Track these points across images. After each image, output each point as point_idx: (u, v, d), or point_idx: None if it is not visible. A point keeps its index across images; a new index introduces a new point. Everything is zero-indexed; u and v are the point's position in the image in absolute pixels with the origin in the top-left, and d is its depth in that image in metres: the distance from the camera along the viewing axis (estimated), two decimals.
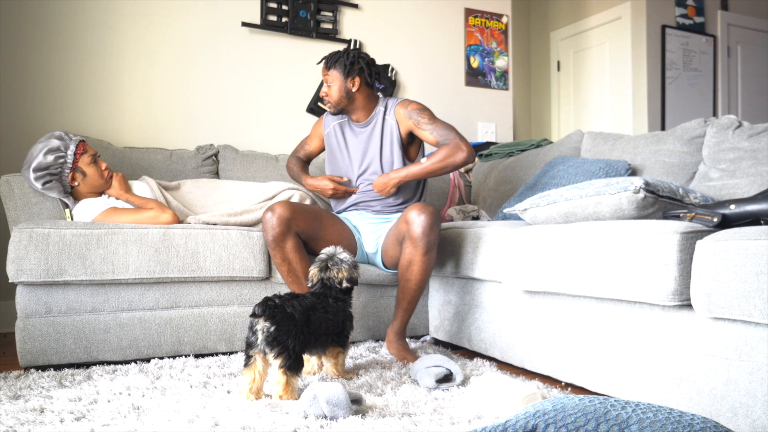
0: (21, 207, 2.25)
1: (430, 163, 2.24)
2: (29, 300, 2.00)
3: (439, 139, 2.25)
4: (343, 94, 2.34)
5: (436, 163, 2.23)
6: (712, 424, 0.86)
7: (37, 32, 2.92)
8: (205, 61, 3.26)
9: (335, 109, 2.38)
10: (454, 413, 1.48)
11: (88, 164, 2.28)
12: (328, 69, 2.34)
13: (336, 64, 2.32)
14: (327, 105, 2.39)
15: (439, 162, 2.23)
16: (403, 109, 2.35)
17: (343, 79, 2.32)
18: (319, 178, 2.47)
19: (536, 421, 0.91)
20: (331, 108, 2.38)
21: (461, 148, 2.20)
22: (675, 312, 1.48)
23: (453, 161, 2.21)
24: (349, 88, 2.33)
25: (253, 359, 1.59)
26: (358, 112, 2.40)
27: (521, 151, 3.20)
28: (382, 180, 2.32)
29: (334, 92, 2.34)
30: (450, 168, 2.23)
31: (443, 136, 2.25)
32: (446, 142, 2.23)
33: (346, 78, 2.32)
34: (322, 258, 1.87)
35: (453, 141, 2.22)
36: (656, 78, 4.79)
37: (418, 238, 2.04)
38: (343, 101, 2.35)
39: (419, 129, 2.31)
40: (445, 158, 2.21)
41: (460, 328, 2.34)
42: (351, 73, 2.32)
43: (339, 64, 2.32)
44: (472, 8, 4.04)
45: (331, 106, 2.37)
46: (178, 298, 2.18)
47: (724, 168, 2.05)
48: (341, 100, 2.35)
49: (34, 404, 1.53)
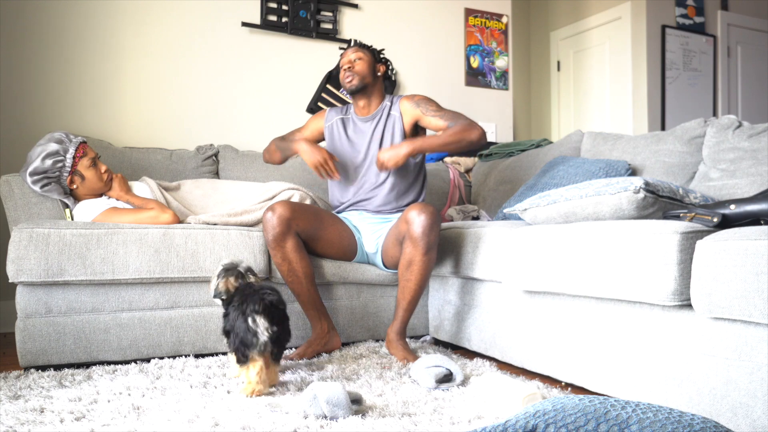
0: (21, 207, 2.25)
1: (446, 135, 2.20)
2: (29, 300, 2.00)
3: (449, 122, 2.26)
4: (370, 71, 2.39)
5: (451, 135, 2.19)
6: (712, 424, 0.86)
7: (37, 32, 2.92)
8: (206, 61, 3.26)
9: (359, 83, 2.36)
10: (454, 413, 1.48)
11: (87, 167, 2.27)
12: (360, 48, 2.41)
13: (366, 48, 2.42)
14: (350, 78, 2.36)
15: (454, 135, 2.19)
16: (409, 100, 2.39)
17: (372, 60, 2.40)
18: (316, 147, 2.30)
19: (536, 421, 0.91)
20: (354, 82, 2.35)
21: (475, 126, 2.21)
22: (675, 312, 1.48)
23: (468, 136, 2.19)
24: (376, 69, 2.42)
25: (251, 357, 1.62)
26: (372, 98, 2.44)
27: (521, 151, 3.20)
28: (391, 150, 2.19)
29: (363, 66, 2.37)
30: (465, 143, 2.19)
31: (453, 119, 2.26)
32: (457, 122, 2.24)
33: (376, 62, 2.42)
34: (231, 266, 1.79)
35: (466, 120, 2.24)
36: (656, 78, 4.79)
37: (418, 238, 2.04)
38: (368, 77, 2.38)
39: (426, 116, 2.33)
40: (461, 132, 2.19)
41: (460, 328, 2.34)
42: (379, 60, 2.43)
43: (369, 49, 2.43)
44: (472, 8, 4.04)
45: (356, 79, 2.36)
46: (178, 298, 2.18)
47: (724, 168, 2.05)
48: (366, 76, 2.38)
49: (34, 404, 1.53)
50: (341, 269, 2.37)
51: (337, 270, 2.36)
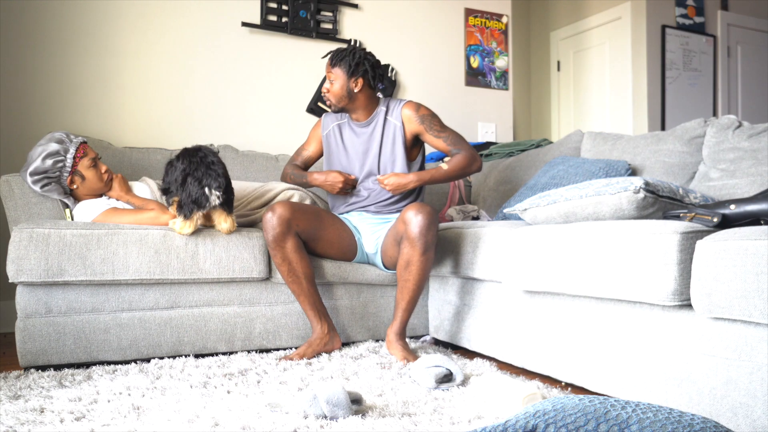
0: (21, 207, 2.25)
1: (450, 169, 2.30)
2: (29, 300, 2.00)
3: (451, 147, 2.33)
4: (344, 93, 2.32)
5: (457, 170, 2.31)
6: (712, 424, 0.86)
7: (37, 32, 2.92)
8: (206, 61, 3.26)
9: (335, 108, 2.37)
10: (454, 413, 1.48)
11: (88, 168, 2.27)
12: (333, 66, 2.31)
13: (341, 63, 2.30)
14: (327, 102, 2.38)
15: (459, 168, 2.31)
16: (412, 112, 2.36)
17: (346, 78, 2.30)
18: (326, 172, 2.41)
19: (536, 421, 0.91)
20: (331, 105, 2.37)
21: (476, 158, 2.32)
22: (675, 312, 1.48)
23: (470, 169, 2.33)
24: (351, 88, 2.31)
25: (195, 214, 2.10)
26: (359, 111, 2.40)
27: (521, 151, 3.20)
28: (399, 180, 2.29)
29: (335, 90, 2.32)
30: (466, 174, 2.34)
31: (455, 144, 2.33)
32: (459, 151, 2.32)
33: (350, 78, 2.30)
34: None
35: (468, 151, 2.32)
36: (656, 78, 4.79)
37: (415, 238, 2.04)
38: (343, 100, 2.34)
39: (428, 134, 2.34)
40: (465, 166, 2.31)
41: (460, 328, 2.34)
42: (355, 74, 2.30)
43: (344, 63, 2.29)
44: (472, 8, 4.04)
45: (332, 103, 2.36)
46: (178, 298, 2.18)
47: (724, 168, 2.05)
48: (342, 99, 2.33)
49: (34, 404, 1.53)
50: (341, 269, 2.37)
51: (337, 270, 2.36)
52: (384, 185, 2.30)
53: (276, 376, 1.87)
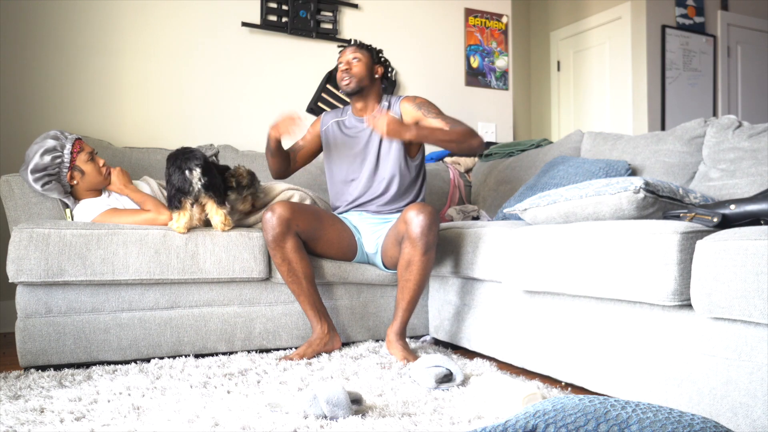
0: (21, 207, 2.25)
1: (452, 132, 2.19)
2: (29, 300, 2.00)
3: (451, 124, 2.25)
4: (367, 73, 2.37)
5: (457, 134, 2.18)
6: (712, 424, 0.86)
7: (37, 32, 2.92)
8: (205, 61, 3.26)
9: (356, 86, 2.36)
10: (454, 413, 1.48)
11: (86, 162, 2.27)
12: (359, 48, 2.39)
13: (366, 49, 2.40)
14: (345, 81, 2.35)
15: (459, 135, 2.18)
16: (409, 103, 2.39)
17: (371, 61, 2.39)
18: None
19: (536, 421, 0.91)
20: (350, 83, 2.35)
21: (477, 134, 2.24)
22: (675, 312, 1.48)
23: (471, 141, 2.20)
24: (374, 71, 2.40)
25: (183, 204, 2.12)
26: (369, 100, 2.43)
27: (521, 151, 3.20)
28: (397, 127, 2.11)
29: (360, 68, 2.36)
30: (466, 146, 2.19)
31: (455, 123, 2.26)
32: (461, 125, 2.24)
33: (374, 63, 2.40)
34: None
35: (469, 127, 2.24)
36: (656, 78, 4.79)
37: (416, 238, 2.04)
38: (365, 81, 2.37)
39: (428, 118, 2.32)
40: (466, 135, 2.20)
41: (460, 328, 2.34)
42: (378, 61, 2.41)
43: (368, 49, 2.40)
44: (472, 8, 4.04)
45: (353, 82, 2.35)
46: (178, 298, 2.18)
47: (724, 168, 2.05)
48: (363, 79, 2.36)
49: (34, 404, 1.53)
50: (341, 269, 2.37)
51: (337, 270, 2.36)
52: (376, 125, 2.11)
53: (276, 376, 1.87)
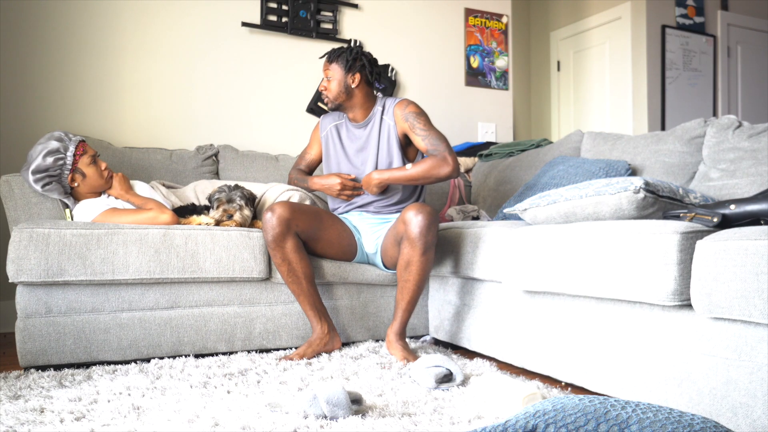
0: (21, 207, 2.25)
1: (414, 171, 2.25)
2: (29, 300, 2.00)
3: (429, 147, 2.26)
4: (342, 89, 2.33)
5: (420, 171, 2.24)
6: (712, 424, 0.86)
7: (37, 32, 2.92)
8: (206, 61, 3.26)
9: (333, 105, 2.37)
10: (454, 413, 1.48)
11: (88, 165, 2.27)
12: (330, 63, 2.34)
13: (338, 59, 2.33)
14: (325, 100, 2.39)
15: (423, 171, 2.24)
16: (401, 110, 2.34)
17: (343, 74, 2.32)
18: (325, 176, 2.43)
19: (536, 421, 0.91)
20: (329, 103, 2.38)
21: (447, 162, 2.21)
22: (675, 312, 1.48)
23: (437, 173, 2.23)
24: (349, 83, 2.33)
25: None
26: (356, 110, 2.40)
27: (521, 151, 3.20)
28: (365, 178, 2.34)
29: (333, 86, 2.33)
30: (433, 179, 2.25)
31: (434, 145, 2.25)
32: (435, 152, 2.24)
33: (347, 73, 2.32)
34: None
35: (441, 153, 2.23)
36: (656, 78, 4.79)
37: (415, 238, 2.04)
38: (341, 96, 2.34)
39: (413, 132, 2.30)
40: (430, 169, 2.23)
41: (460, 328, 2.34)
42: (352, 69, 2.32)
43: (341, 58, 2.32)
44: (472, 8, 4.04)
45: (329, 100, 2.36)
46: (178, 298, 2.18)
47: (724, 168, 2.05)
48: (340, 95, 2.34)
49: (34, 404, 1.53)
50: (341, 269, 2.37)
51: (337, 270, 2.36)
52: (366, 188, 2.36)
53: (276, 376, 1.87)
